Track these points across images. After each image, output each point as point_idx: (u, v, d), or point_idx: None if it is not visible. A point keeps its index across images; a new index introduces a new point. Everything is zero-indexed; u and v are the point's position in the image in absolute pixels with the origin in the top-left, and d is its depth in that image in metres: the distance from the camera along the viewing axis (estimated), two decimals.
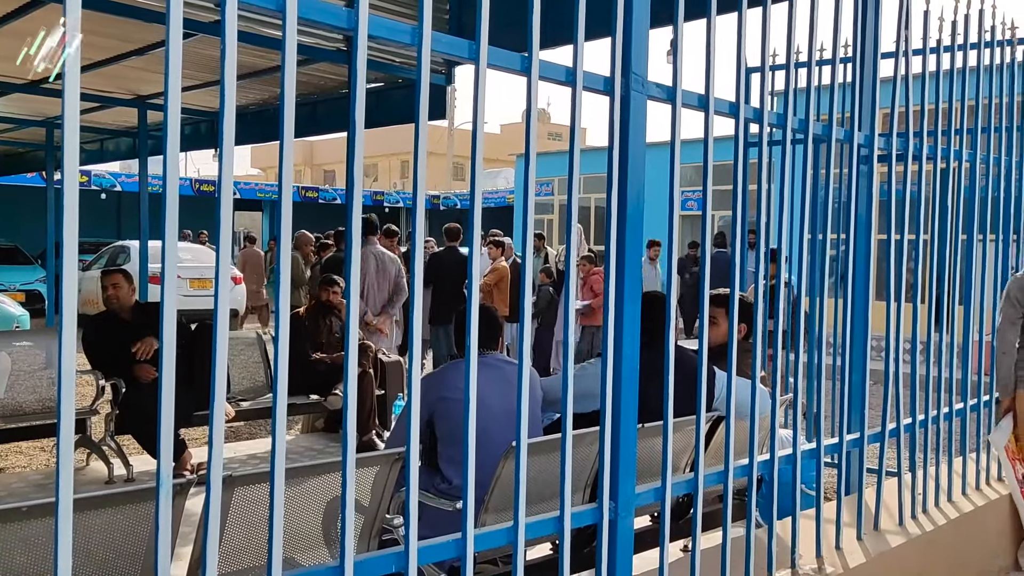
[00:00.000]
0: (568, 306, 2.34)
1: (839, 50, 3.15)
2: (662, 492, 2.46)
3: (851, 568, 3.04)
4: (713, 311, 3.78)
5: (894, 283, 3.46)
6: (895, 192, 3.56)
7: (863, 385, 3.51)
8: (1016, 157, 4.27)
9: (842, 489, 3.25)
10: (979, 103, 3.98)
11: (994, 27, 3.95)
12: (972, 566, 3.84)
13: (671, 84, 2.40)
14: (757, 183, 2.97)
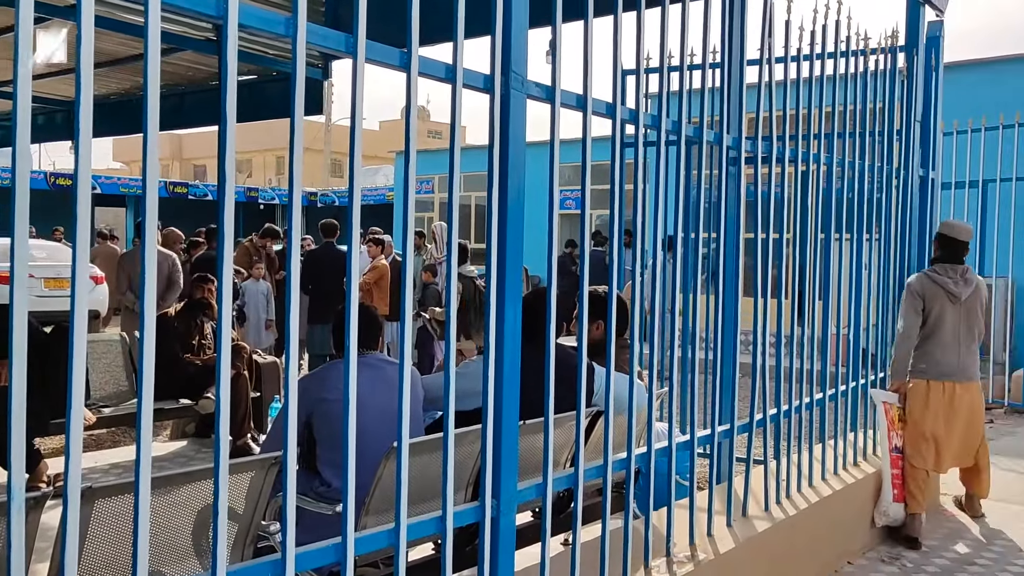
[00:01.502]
0: (450, 305, 2.33)
1: (709, 56, 3.27)
2: (543, 488, 2.49)
3: (721, 554, 3.16)
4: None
5: (760, 280, 3.62)
6: (761, 193, 3.71)
7: (733, 378, 3.65)
8: (868, 161, 4.54)
9: (714, 478, 3.37)
10: (835, 109, 4.21)
11: (849, 38, 4.18)
12: (831, 546, 4.07)
13: (550, 84, 2.42)
14: (633, 183, 3.04)
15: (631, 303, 2.95)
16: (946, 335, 4.53)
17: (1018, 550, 4.35)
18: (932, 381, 4.53)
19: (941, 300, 4.53)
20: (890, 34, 4.69)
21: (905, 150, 4.91)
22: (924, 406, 4.53)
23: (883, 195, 4.72)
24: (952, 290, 4.51)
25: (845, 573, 4.00)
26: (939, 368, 4.53)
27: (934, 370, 4.53)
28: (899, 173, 4.88)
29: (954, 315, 4.54)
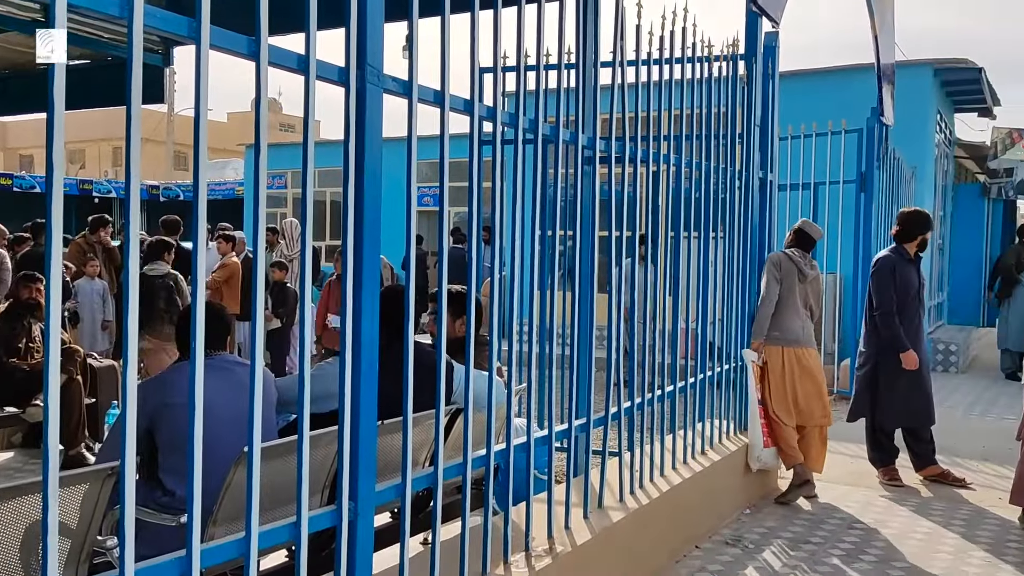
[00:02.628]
0: (303, 303, 2.26)
1: (564, 56, 3.32)
2: (402, 488, 2.45)
3: (579, 545, 3.22)
4: (435, 309, 3.86)
5: (615, 277, 3.71)
6: (615, 192, 3.81)
7: (589, 373, 3.73)
8: (713, 163, 4.74)
9: (571, 472, 3.43)
10: (683, 113, 4.37)
11: (695, 44, 4.36)
12: (681, 532, 4.23)
13: (407, 79, 2.38)
14: (491, 180, 3.05)
15: (490, 300, 2.95)
16: (795, 306, 5.24)
17: (847, 527, 4.67)
18: (785, 348, 5.22)
19: (793, 276, 5.24)
20: (731, 43, 4.92)
21: (746, 153, 5.16)
22: (781, 369, 5.21)
23: (727, 195, 4.95)
24: (803, 269, 5.28)
25: (693, 556, 4.17)
26: (790, 335, 5.22)
27: (786, 337, 5.22)
28: (741, 175, 5.13)
29: (801, 291, 5.27)
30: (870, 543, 4.42)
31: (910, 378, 5.49)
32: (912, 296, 5.56)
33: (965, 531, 4.64)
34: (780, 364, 5.23)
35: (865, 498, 5.23)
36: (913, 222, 5.65)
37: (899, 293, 5.50)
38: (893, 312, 5.47)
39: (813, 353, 5.35)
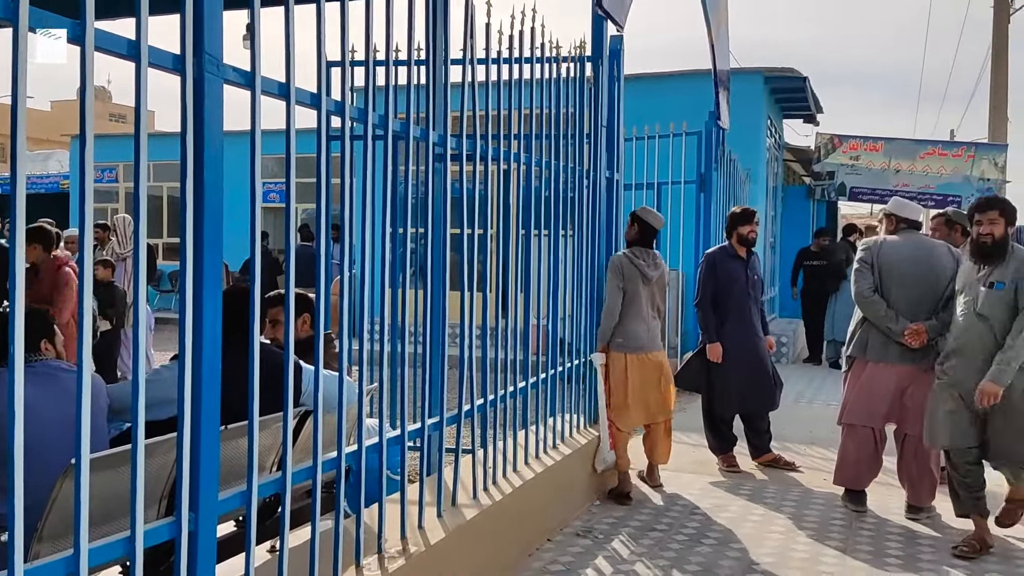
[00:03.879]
0: (138, 303, 2.13)
1: (414, 52, 3.29)
2: (247, 495, 2.36)
3: (432, 544, 3.21)
4: (275, 312, 3.75)
5: (466, 275, 3.72)
6: (466, 190, 3.82)
7: (442, 371, 3.72)
8: (563, 162, 4.84)
9: (424, 471, 3.42)
10: (533, 112, 4.44)
11: (543, 45, 4.43)
12: (534, 525, 4.30)
13: (250, 69, 2.30)
14: (340, 177, 2.98)
15: (340, 298, 2.89)
16: (639, 311, 5.19)
17: (689, 513, 4.89)
18: (629, 354, 5.18)
19: (637, 281, 5.18)
20: (578, 44, 5.03)
21: (593, 153, 5.30)
22: (624, 377, 5.17)
23: (576, 194, 5.07)
24: (646, 272, 5.20)
25: (545, 549, 4.25)
26: (634, 342, 5.18)
27: (630, 343, 5.18)
28: (589, 174, 5.26)
29: (647, 293, 5.22)
30: (710, 528, 4.65)
31: (744, 367, 5.80)
32: (738, 290, 5.86)
33: (795, 511, 4.95)
34: (623, 370, 5.20)
35: (706, 485, 5.49)
36: (731, 218, 6.06)
37: (721, 287, 5.82)
38: (705, 305, 5.86)
39: (658, 356, 5.33)
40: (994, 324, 4.19)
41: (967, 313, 4.30)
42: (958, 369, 4.30)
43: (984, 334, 4.22)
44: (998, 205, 4.30)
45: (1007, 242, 4.24)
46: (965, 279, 4.40)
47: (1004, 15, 17.68)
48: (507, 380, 4.27)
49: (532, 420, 4.65)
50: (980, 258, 4.30)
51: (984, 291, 4.23)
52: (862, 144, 15.13)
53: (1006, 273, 4.19)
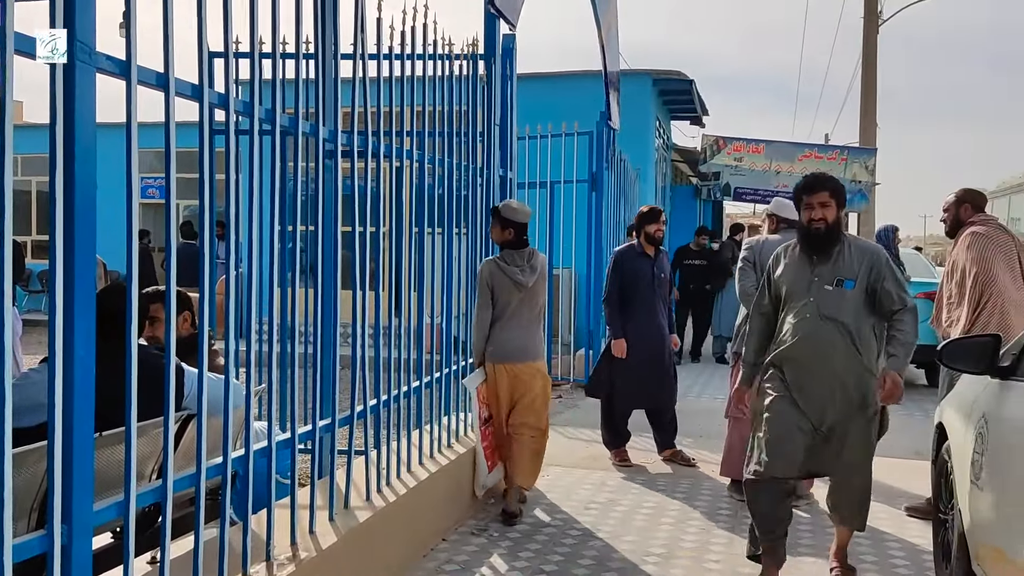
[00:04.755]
0: (3, 305, 2.00)
1: (302, 46, 3.21)
2: (125, 505, 2.25)
3: (324, 549, 3.14)
4: (155, 309, 3.59)
5: (359, 273, 3.66)
6: (358, 187, 3.75)
7: (334, 371, 3.65)
8: (456, 160, 4.83)
9: (315, 474, 3.34)
10: (426, 109, 4.40)
11: (436, 42, 4.40)
12: (428, 525, 4.27)
13: (125, 58, 2.19)
14: (225, 172, 2.88)
15: (226, 298, 2.79)
16: (513, 320, 4.78)
17: (584, 508, 4.96)
18: (498, 364, 4.79)
19: (509, 289, 4.74)
20: (471, 42, 5.03)
21: (487, 151, 5.31)
22: (496, 388, 4.82)
23: (469, 192, 5.06)
24: (519, 279, 4.73)
25: (440, 549, 4.23)
26: (507, 352, 4.78)
27: (501, 353, 4.78)
28: (482, 172, 5.26)
29: (526, 298, 4.79)
30: (604, 521, 4.72)
31: (647, 364, 5.93)
32: (643, 287, 5.99)
33: (684, 502, 5.09)
34: (495, 381, 4.83)
35: (599, 480, 5.58)
36: (639, 217, 6.21)
37: (628, 284, 5.94)
38: (612, 301, 5.97)
39: (536, 366, 4.90)
40: (848, 327, 3.62)
41: (809, 316, 3.64)
42: (800, 381, 3.67)
43: (835, 339, 3.62)
44: (829, 184, 3.69)
45: (840, 229, 3.71)
46: (795, 275, 3.73)
47: (873, 26, 18.67)
48: (401, 380, 4.23)
49: (427, 419, 4.61)
50: (812, 249, 3.68)
51: (830, 290, 3.63)
52: (745, 146, 15.72)
53: (855, 270, 3.64)
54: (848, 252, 3.66)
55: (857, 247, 3.70)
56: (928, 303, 6.21)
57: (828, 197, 3.63)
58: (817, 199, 3.63)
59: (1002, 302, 4.52)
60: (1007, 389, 3.17)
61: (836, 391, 3.64)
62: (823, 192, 3.64)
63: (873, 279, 3.62)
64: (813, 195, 3.64)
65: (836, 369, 3.62)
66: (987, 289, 4.56)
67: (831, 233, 3.64)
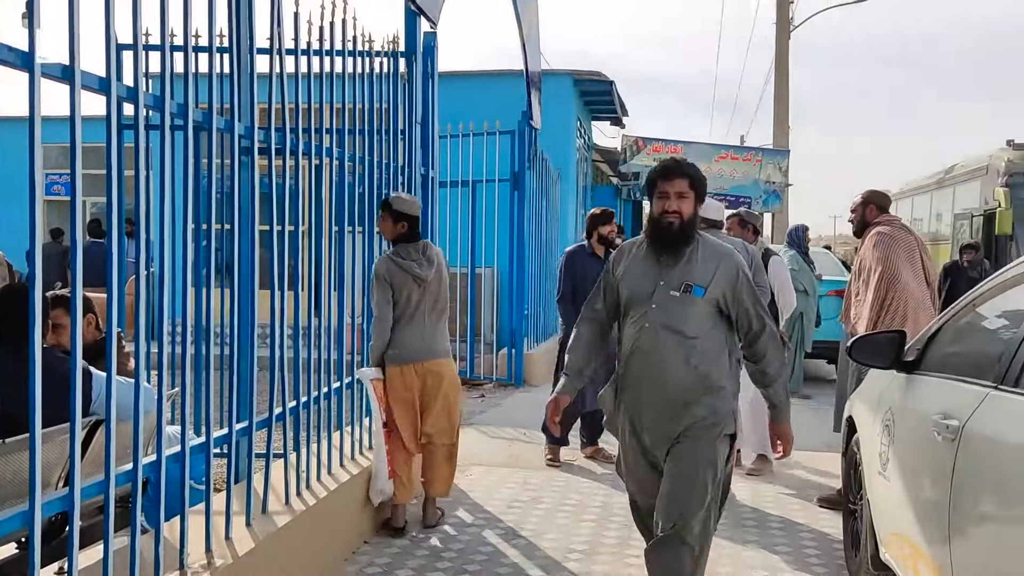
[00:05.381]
0: None
1: (215, 39, 3.13)
2: (30, 515, 2.16)
3: (240, 556, 3.06)
4: (56, 315, 3.44)
5: (277, 273, 3.59)
6: (275, 185, 3.68)
7: (251, 373, 3.57)
8: (377, 158, 4.77)
9: (232, 478, 3.26)
10: (345, 106, 4.34)
11: (355, 38, 4.34)
12: (350, 528, 4.21)
13: (28, 49, 2.09)
14: (134, 168, 2.79)
15: (136, 299, 2.70)
16: (416, 318, 4.47)
17: (507, 506, 4.97)
18: (403, 366, 4.44)
19: (408, 285, 4.42)
20: (392, 39, 4.99)
21: (408, 150, 5.27)
22: (402, 390, 4.45)
23: (390, 191, 5.01)
24: (418, 274, 4.42)
25: (363, 552, 4.18)
26: (410, 352, 4.45)
27: (405, 354, 4.44)
28: (404, 171, 5.22)
29: (421, 297, 4.47)
30: (527, 520, 4.74)
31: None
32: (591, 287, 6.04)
33: (606, 499, 5.15)
34: (402, 387, 4.45)
35: (523, 479, 5.60)
36: (590, 219, 6.29)
37: (578, 284, 6.02)
38: (565, 300, 6.04)
39: (443, 364, 4.58)
40: (692, 341, 3.02)
41: (648, 327, 3.06)
42: (639, 408, 3.13)
43: (675, 355, 3.03)
44: (689, 172, 3.09)
45: (696, 226, 3.12)
46: (639, 276, 3.13)
47: (784, 33, 19.27)
48: (321, 381, 4.16)
49: (348, 421, 4.55)
50: (661, 247, 3.09)
51: (675, 297, 3.03)
52: (664, 147, 16.01)
53: (706, 276, 3.05)
54: (701, 254, 3.08)
55: (711, 249, 3.11)
56: (838, 300, 6.42)
57: (687, 187, 3.04)
58: (674, 188, 3.04)
59: (906, 299, 4.71)
60: (911, 383, 3.30)
61: (679, 416, 3.04)
62: (681, 180, 3.05)
63: (726, 289, 3.05)
64: (669, 182, 3.05)
65: (675, 391, 3.04)
66: (892, 287, 4.75)
67: (685, 230, 3.05)
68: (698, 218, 3.15)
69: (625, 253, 3.24)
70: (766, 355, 3.13)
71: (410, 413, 4.47)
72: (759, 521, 4.76)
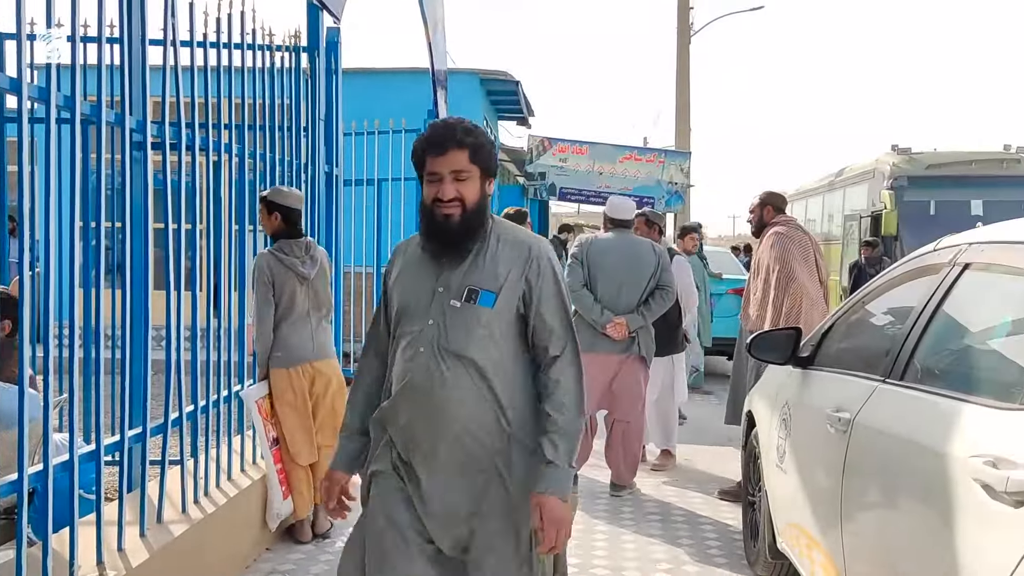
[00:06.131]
0: None
1: (105, 29, 2.99)
2: None
3: (134, 567, 2.94)
4: None
5: (173, 272, 3.46)
6: (171, 181, 3.55)
7: (145, 377, 3.44)
8: (278, 155, 4.66)
9: (124, 487, 3.12)
10: (245, 102, 4.22)
11: (255, 31, 4.23)
12: (251, 535, 4.10)
13: None
14: (18, 163, 2.64)
15: (19, 299, 2.56)
16: (301, 318, 4.25)
17: None
18: (291, 368, 4.22)
19: (292, 282, 4.20)
20: (293, 34, 4.88)
21: (311, 147, 5.16)
22: (291, 395, 4.21)
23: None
24: (300, 270, 4.21)
25: (264, 559, 4.08)
26: (296, 352, 4.23)
27: (292, 356, 4.22)
28: (307, 168, 5.11)
29: (305, 296, 4.26)
30: None
31: None
32: None
33: None
34: (291, 391, 4.21)
35: None
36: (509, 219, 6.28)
37: None
38: None
39: (330, 365, 4.40)
40: (483, 370, 2.16)
41: (423, 351, 2.18)
42: (412, 461, 2.23)
43: (461, 392, 2.16)
44: (467, 140, 2.19)
45: (485, 213, 2.24)
46: (413, 278, 2.28)
47: (685, 38, 19.76)
48: (220, 383, 4.04)
49: (249, 425, 4.43)
50: (440, 246, 2.22)
51: (457, 308, 2.18)
52: (570, 147, 16.18)
53: (499, 277, 2.20)
54: (493, 247, 2.24)
55: (511, 240, 2.26)
56: (738, 299, 6.62)
57: (466, 161, 2.16)
58: (448, 165, 2.16)
59: (801, 297, 4.89)
60: (807, 378, 3.43)
61: (475, 495, 2.19)
62: (458, 153, 2.16)
63: (524, 291, 2.21)
64: (441, 158, 2.16)
65: (470, 450, 2.17)
66: (788, 285, 4.92)
67: (469, 222, 2.18)
68: (487, 203, 2.24)
69: (400, 252, 2.39)
70: (559, 390, 2.19)
71: (303, 419, 4.24)
72: (663, 515, 4.87)
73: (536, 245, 2.28)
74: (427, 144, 2.20)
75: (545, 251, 2.28)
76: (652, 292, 5.17)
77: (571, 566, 4.06)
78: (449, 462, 2.19)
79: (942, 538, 2.06)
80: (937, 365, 2.62)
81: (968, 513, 1.97)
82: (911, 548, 2.28)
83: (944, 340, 2.64)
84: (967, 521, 1.98)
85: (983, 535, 1.93)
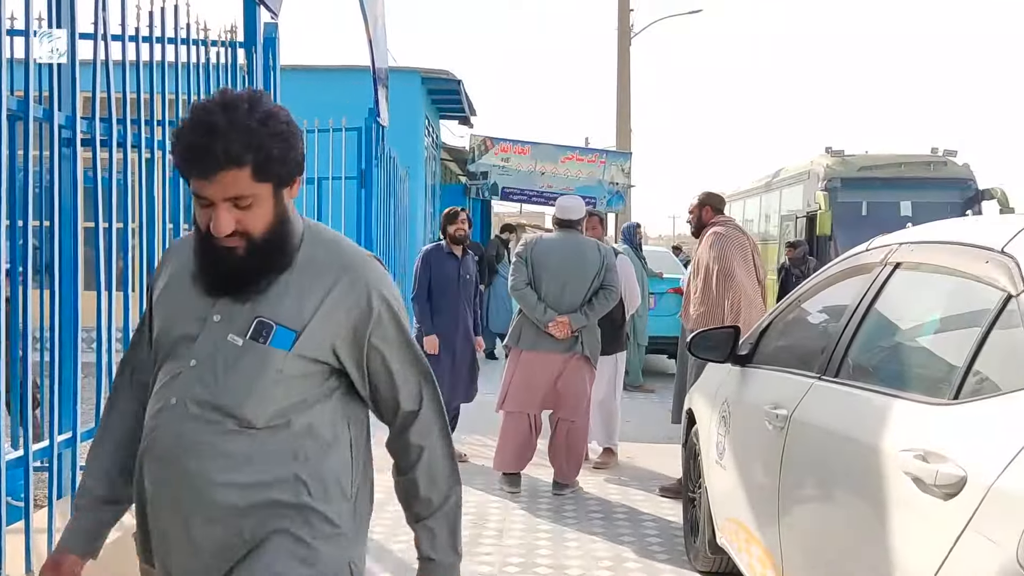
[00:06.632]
0: None
1: (32, 23, 2.89)
2: None
3: None
4: None
5: (104, 272, 3.36)
6: (102, 179, 3.44)
7: (75, 380, 3.33)
8: None
9: (54, 494, 3.03)
10: (179, 97, 4.12)
11: (189, 25, 4.13)
12: None
13: None
14: None
15: None
16: None
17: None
18: None
19: None
20: (230, 29, 4.78)
21: None
22: None
23: None
24: None
25: None
26: None
27: None
28: None
29: None
30: (378, 522, 4.63)
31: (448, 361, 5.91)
32: (449, 287, 6.04)
33: None
34: None
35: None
36: (442, 217, 6.39)
37: (435, 282, 5.99)
38: (421, 299, 6.01)
39: None
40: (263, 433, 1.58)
41: (176, 403, 1.60)
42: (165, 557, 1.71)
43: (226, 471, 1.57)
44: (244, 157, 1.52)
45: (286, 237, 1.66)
46: (182, 298, 1.66)
47: (625, 40, 19.96)
48: None
49: None
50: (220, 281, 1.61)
51: (238, 344, 1.59)
52: (512, 147, 16.20)
53: (304, 309, 1.61)
54: (304, 270, 1.64)
55: (329, 262, 1.67)
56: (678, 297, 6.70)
57: (250, 182, 1.54)
58: (221, 191, 1.52)
59: (740, 296, 4.97)
60: (745, 375, 3.49)
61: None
62: (234, 172, 1.51)
63: (347, 332, 1.63)
64: (209, 181, 1.51)
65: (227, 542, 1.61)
66: (727, 284, 5.00)
67: (263, 253, 1.60)
68: (288, 217, 1.67)
69: (173, 254, 1.77)
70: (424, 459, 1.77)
71: None
72: (606, 513, 4.90)
73: (362, 265, 1.66)
74: (185, 160, 1.52)
75: (376, 281, 1.66)
76: (596, 292, 5.21)
77: (514, 565, 4.06)
78: (204, 550, 1.60)
79: (875, 531, 2.11)
80: (870, 362, 2.69)
81: (900, 506, 2.03)
82: (846, 541, 2.33)
83: (876, 337, 2.71)
84: (899, 514, 2.03)
85: (914, 527, 1.99)
